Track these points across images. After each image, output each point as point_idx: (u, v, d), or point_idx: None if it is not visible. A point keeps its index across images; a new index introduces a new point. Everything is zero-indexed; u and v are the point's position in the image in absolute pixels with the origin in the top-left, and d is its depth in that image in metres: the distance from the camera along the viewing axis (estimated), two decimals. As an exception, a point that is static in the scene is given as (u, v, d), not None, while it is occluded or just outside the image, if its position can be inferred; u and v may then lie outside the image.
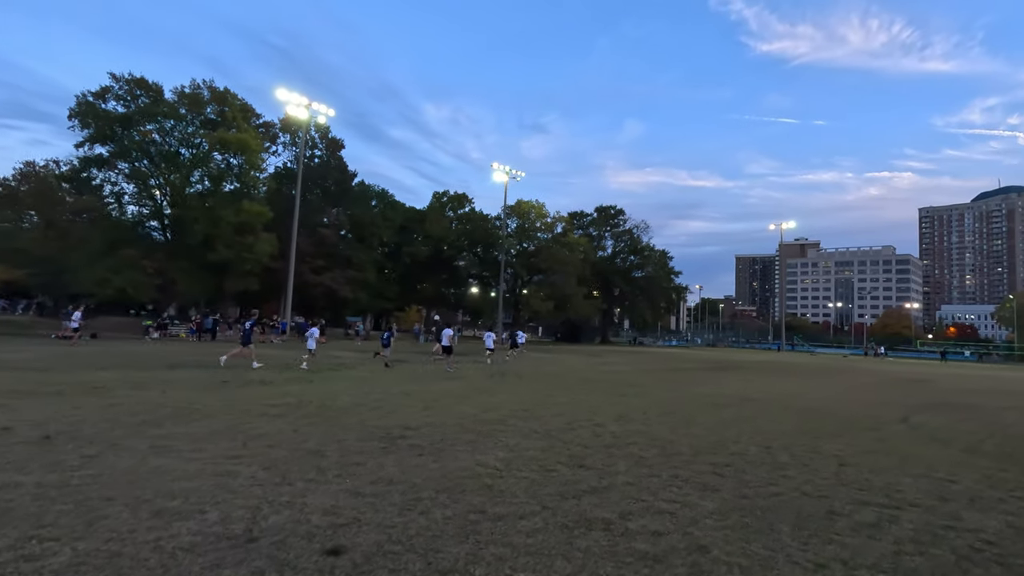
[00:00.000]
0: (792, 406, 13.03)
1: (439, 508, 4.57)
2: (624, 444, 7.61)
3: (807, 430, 9.57)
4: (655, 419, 10.04)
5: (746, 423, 10.04)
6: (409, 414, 9.28)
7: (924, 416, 12.29)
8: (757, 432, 9.10)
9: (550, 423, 9.07)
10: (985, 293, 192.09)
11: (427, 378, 15.89)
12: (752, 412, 11.60)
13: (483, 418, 9.25)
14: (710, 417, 10.60)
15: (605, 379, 18.39)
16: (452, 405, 10.58)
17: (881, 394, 17.32)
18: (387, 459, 6.15)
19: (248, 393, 10.94)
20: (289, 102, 42.08)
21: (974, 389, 21.13)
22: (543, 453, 6.82)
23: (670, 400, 13.14)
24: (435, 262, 66.00)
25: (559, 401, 12.00)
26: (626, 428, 8.93)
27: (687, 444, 7.83)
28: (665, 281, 78.19)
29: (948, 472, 6.77)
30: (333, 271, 49.74)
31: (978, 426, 11.06)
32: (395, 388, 12.93)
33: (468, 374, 17.87)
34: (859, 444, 8.44)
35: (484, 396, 12.29)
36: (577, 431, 8.46)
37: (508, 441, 7.45)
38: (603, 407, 11.33)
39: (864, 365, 39.78)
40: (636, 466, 6.38)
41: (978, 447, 8.72)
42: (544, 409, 10.64)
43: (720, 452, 7.39)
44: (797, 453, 7.53)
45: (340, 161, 56.03)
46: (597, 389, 14.93)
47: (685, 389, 16.06)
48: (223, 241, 36.87)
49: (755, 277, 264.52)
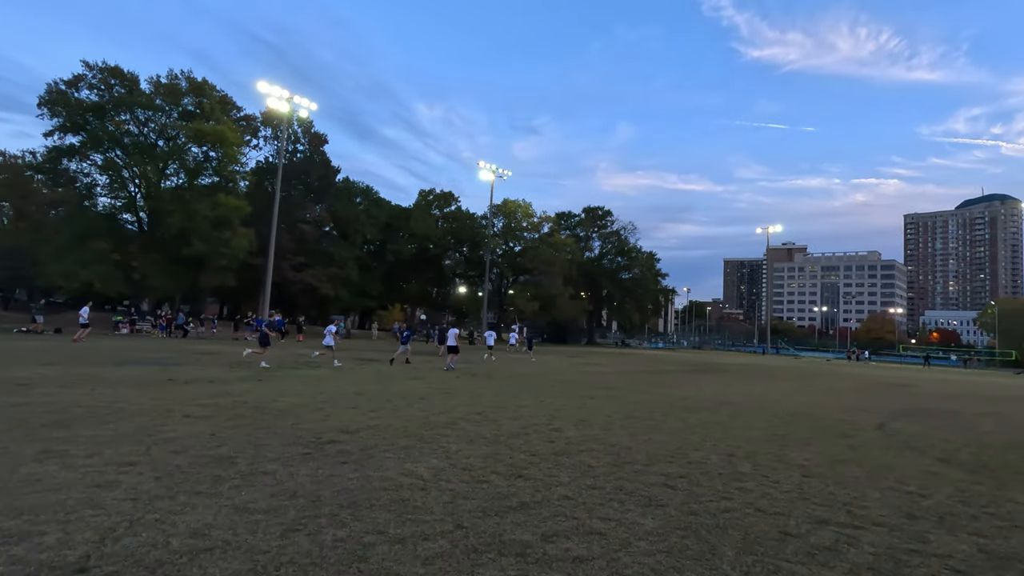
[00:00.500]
0: (766, 410, 12.56)
1: (334, 528, 3.96)
2: (576, 452, 7.04)
3: (777, 436, 9.07)
4: (618, 424, 9.48)
5: (714, 428, 9.53)
6: (353, 416, 8.65)
7: (901, 422, 11.86)
8: (724, 438, 8.58)
9: (503, 427, 8.48)
10: (968, 299, 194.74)
11: (392, 378, 15.24)
12: (723, 417, 11.10)
13: (433, 421, 8.64)
14: (677, 422, 10.07)
15: (579, 380, 17.84)
16: (404, 407, 9.96)
17: (860, 399, 16.95)
18: (303, 468, 5.52)
19: (187, 392, 10.24)
20: (270, 95, 41.15)
21: (954, 394, 20.87)
22: (482, 461, 6.23)
23: (640, 403, 12.61)
24: (420, 261, 65.26)
25: (522, 403, 11.42)
26: (584, 433, 8.36)
27: (644, 452, 7.28)
28: (652, 283, 77.99)
29: (919, 485, 6.28)
30: (314, 268, 48.82)
31: (955, 434, 10.64)
32: (352, 388, 12.28)
33: (438, 374, 17.24)
34: (829, 452, 7.94)
35: (444, 398, 11.67)
36: (529, 436, 7.88)
37: (449, 447, 6.85)
38: (567, 410, 10.77)
39: (846, 369, 39.65)
40: (581, 477, 5.81)
41: (953, 456, 8.27)
42: (502, 412, 10.05)
43: (678, 461, 6.84)
44: (761, 462, 7.01)
45: (323, 156, 55.09)
46: (567, 391, 14.37)
47: (659, 392, 15.56)
48: (198, 235, 35.89)
49: (743, 281, 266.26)
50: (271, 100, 41.20)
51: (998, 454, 8.69)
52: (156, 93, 40.70)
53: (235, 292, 55.00)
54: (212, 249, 36.55)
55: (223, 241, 37.12)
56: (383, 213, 63.38)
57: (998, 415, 14.36)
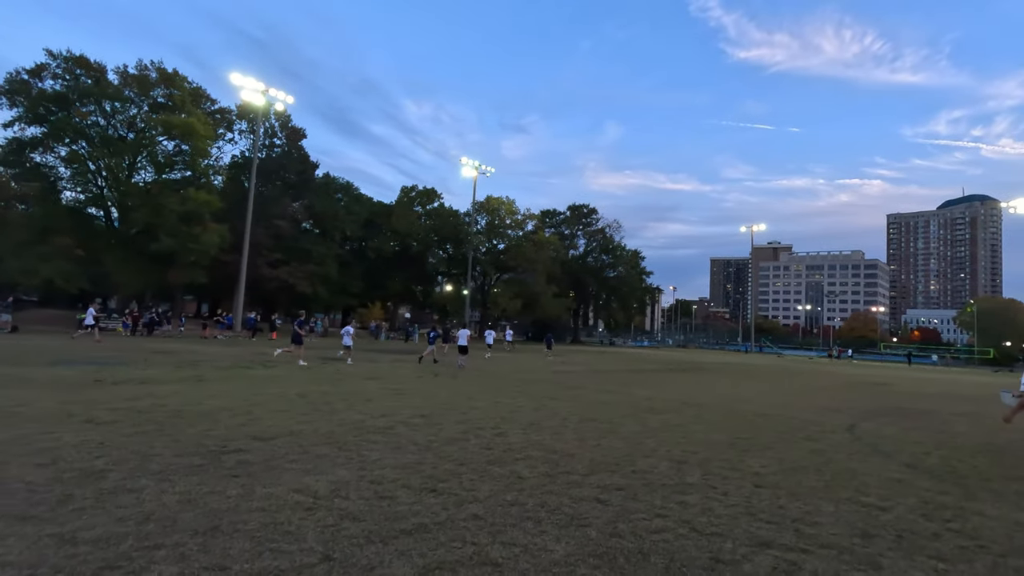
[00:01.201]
0: (735, 411, 12.03)
1: (167, 564, 3.27)
2: (511, 460, 6.40)
3: (740, 440, 8.51)
4: (572, 427, 8.87)
5: (674, 432, 8.94)
6: (279, 421, 7.94)
7: (872, 423, 11.40)
8: (681, 443, 8.00)
9: (443, 432, 7.82)
10: (948, 298, 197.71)
11: (349, 378, 14.51)
12: (686, 419, 10.54)
13: (367, 425, 7.95)
14: (636, 425, 9.48)
15: (548, 380, 17.23)
16: (344, 409, 9.25)
17: (835, 398, 16.53)
18: (181, 484, 4.81)
19: (106, 394, 9.44)
20: (244, 87, 40.06)
21: (930, 393, 20.60)
22: (399, 473, 5.56)
23: (604, 404, 12.01)
24: (402, 258, 64.28)
25: (475, 405, 10.77)
26: (529, 439, 7.72)
27: (589, 459, 6.66)
28: (636, 281, 77.74)
29: (881, 495, 5.72)
30: (290, 265, 47.73)
31: (926, 435, 10.18)
32: (297, 389, 11.53)
33: (401, 373, 16.53)
34: (790, 458, 7.39)
35: (394, 399, 10.98)
36: (468, 442, 7.22)
37: (369, 456, 6.18)
38: (521, 412, 10.14)
39: (827, 368, 39.56)
40: (504, 490, 5.16)
41: (922, 461, 7.76)
42: (449, 414, 9.39)
43: (622, 470, 6.23)
44: (713, 470, 6.42)
45: (301, 151, 53.89)
46: (530, 391, 13.74)
47: (628, 392, 14.99)
48: (166, 230, 34.75)
49: (729, 280, 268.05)
50: (245, 92, 40.13)
51: (968, 458, 8.20)
52: (125, 84, 39.44)
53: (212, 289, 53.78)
54: (181, 245, 35.44)
55: (192, 237, 36.01)
56: (364, 209, 62.34)
57: (972, 415, 13.99)
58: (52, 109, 36.08)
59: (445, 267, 68.70)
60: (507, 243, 64.50)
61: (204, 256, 37.71)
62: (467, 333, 21.94)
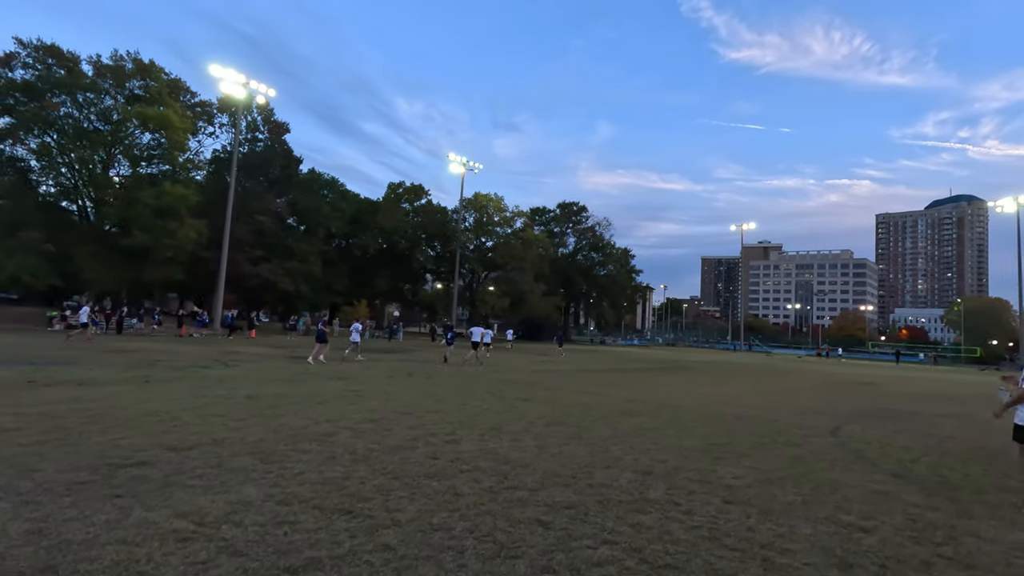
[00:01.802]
0: (714, 414, 11.43)
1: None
2: (455, 472, 5.71)
3: (715, 446, 7.88)
4: (535, 432, 8.20)
5: (645, 438, 8.30)
6: (209, 427, 7.20)
7: (857, 426, 10.83)
8: (650, 450, 7.36)
9: (390, 439, 7.12)
10: (936, 297, 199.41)
11: (314, 379, 13.76)
12: (662, 422, 9.91)
13: (307, 432, 7.24)
14: (606, 429, 8.83)
15: (526, 380, 16.56)
16: (288, 413, 8.52)
17: (820, 399, 16.00)
18: (48, 507, 4.08)
19: (28, 397, 8.66)
20: (224, 79, 39.09)
21: (917, 393, 20.17)
22: (317, 490, 4.85)
23: (577, 406, 11.36)
24: (389, 256, 63.31)
25: (439, 407, 10.07)
26: (484, 446, 7.04)
27: (544, 470, 5.99)
28: (626, 280, 77.31)
29: (864, 512, 5.10)
30: (272, 262, 46.71)
31: (914, 439, 9.61)
32: (248, 391, 10.78)
33: (371, 373, 15.79)
34: (767, 467, 6.76)
35: (351, 401, 10.26)
36: (413, 451, 6.53)
37: (292, 469, 5.46)
38: (485, 416, 9.46)
39: (815, 366, 39.24)
40: (433, 511, 4.48)
41: (909, 469, 7.16)
42: (405, 419, 8.69)
43: (577, 483, 5.56)
44: (679, 483, 5.77)
45: (284, 146, 52.87)
46: (503, 392, 13.07)
47: (606, 393, 14.36)
48: (140, 225, 33.69)
49: (720, 278, 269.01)
50: (225, 84, 39.17)
51: (959, 464, 7.62)
52: (99, 75, 38.31)
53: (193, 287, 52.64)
54: (155, 240, 34.38)
55: (168, 232, 34.98)
56: (350, 206, 61.34)
57: (960, 416, 13.49)
58: (22, 99, 34.91)
59: (433, 265, 67.81)
60: (495, 240, 63.78)
61: (181, 252, 36.67)
62: (480, 331, 23.49)
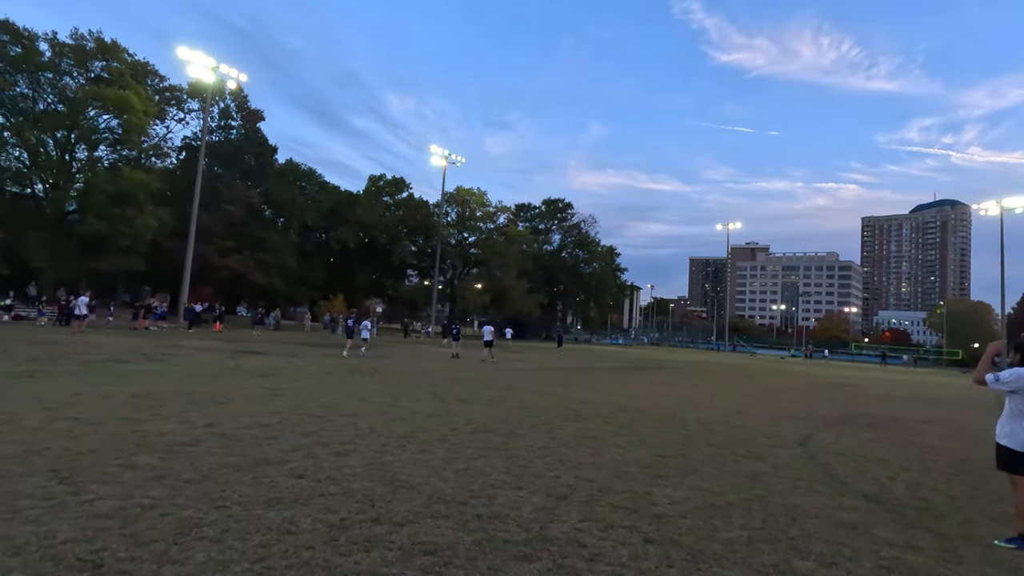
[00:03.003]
0: (676, 419, 10.30)
1: None
2: (312, 498, 4.47)
3: (661, 460, 6.73)
4: (453, 442, 6.98)
5: (581, 448, 7.12)
6: (44, 432, 5.89)
7: (831, 434, 9.75)
8: (580, 465, 6.18)
9: (263, 450, 5.86)
10: (919, 300, 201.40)
11: (238, 376, 12.44)
12: (611, 429, 8.74)
13: (161, 441, 5.95)
14: (540, 438, 7.64)
15: (480, 380, 15.35)
16: (159, 417, 7.22)
17: (796, 402, 14.97)
18: None
19: None
20: (191, 62, 37.36)
21: (899, 397, 19.26)
22: (86, 528, 3.59)
23: (523, 409, 10.17)
24: (369, 250, 61.71)
25: (356, 410, 8.82)
26: (376, 461, 5.81)
27: (431, 493, 4.77)
28: (611, 278, 76.37)
29: (825, 557, 3.94)
30: (242, 253, 45.01)
31: (892, 450, 8.54)
32: (140, 390, 9.44)
33: (310, 369, 14.49)
34: (716, 487, 5.60)
35: (260, 401, 8.97)
36: (280, 468, 5.28)
37: (88, 494, 4.18)
38: (408, 420, 8.22)
39: (797, 367, 38.48)
40: (231, 561, 3.23)
41: (885, 490, 6.04)
42: (307, 423, 7.43)
43: (466, 512, 4.34)
44: (599, 512, 4.58)
45: (258, 134, 51.07)
46: (447, 392, 11.84)
47: (564, 394, 13.20)
48: (94, 211, 31.95)
49: (708, 279, 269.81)
50: (193, 68, 37.47)
51: (943, 483, 6.53)
52: (59, 54, 36.43)
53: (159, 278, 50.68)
54: (112, 228, 32.63)
55: (126, 219, 33.24)
56: (328, 199, 59.74)
57: (944, 423, 12.50)
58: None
59: (414, 260, 66.30)
60: (478, 236, 62.47)
61: (140, 241, 34.94)
62: (491, 329, 24.39)
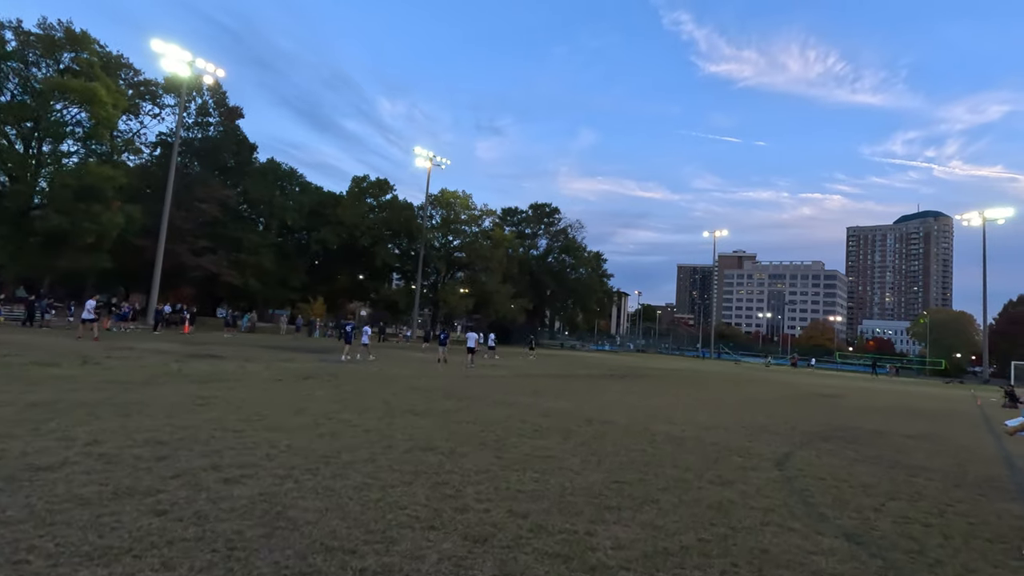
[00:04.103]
0: (645, 433, 9.45)
1: None
2: (163, 544, 3.53)
3: (619, 485, 5.87)
4: (380, 464, 6.07)
5: (528, 470, 6.24)
6: None
7: (812, 451, 8.97)
8: (521, 493, 5.29)
9: (146, 475, 4.90)
10: (903, 310, 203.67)
11: (171, 382, 11.40)
12: (569, 446, 7.87)
13: (11, 466, 4.98)
14: (486, 457, 6.74)
15: (442, 388, 14.41)
16: (45, 433, 6.22)
17: (776, 414, 14.21)
18: None
19: None
20: (165, 55, 36.23)
21: (883, 408, 18.64)
22: None
23: (478, 423, 9.27)
24: (351, 252, 60.46)
25: (286, 424, 7.86)
26: (276, 488, 4.88)
27: (313, 539, 3.85)
28: (596, 283, 75.76)
29: (794, 627, 3.08)
30: (217, 253, 43.67)
31: (878, 472, 7.75)
32: (47, 397, 8.40)
33: (263, 376, 13.46)
34: (672, 525, 4.74)
35: (168, 413, 7.98)
36: (149, 498, 4.33)
37: None
38: (335, 436, 7.28)
39: (781, 376, 37.95)
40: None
41: (869, 526, 5.22)
42: (215, 440, 6.45)
43: (344, 568, 3.43)
44: (522, 561, 3.70)
45: (236, 131, 49.79)
46: (396, 402, 10.91)
47: (532, 403, 12.32)
48: (56, 207, 30.56)
49: (695, 286, 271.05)
50: (168, 61, 36.34)
51: (935, 515, 5.74)
52: (24, 44, 35.05)
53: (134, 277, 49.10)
54: (75, 224, 31.25)
55: (91, 215, 31.86)
56: (309, 199, 58.48)
57: (930, 438, 11.80)
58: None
59: (397, 263, 65.14)
60: (462, 239, 61.51)
61: (107, 239, 33.56)
62: (474, 336, 24.73)
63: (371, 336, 22.75)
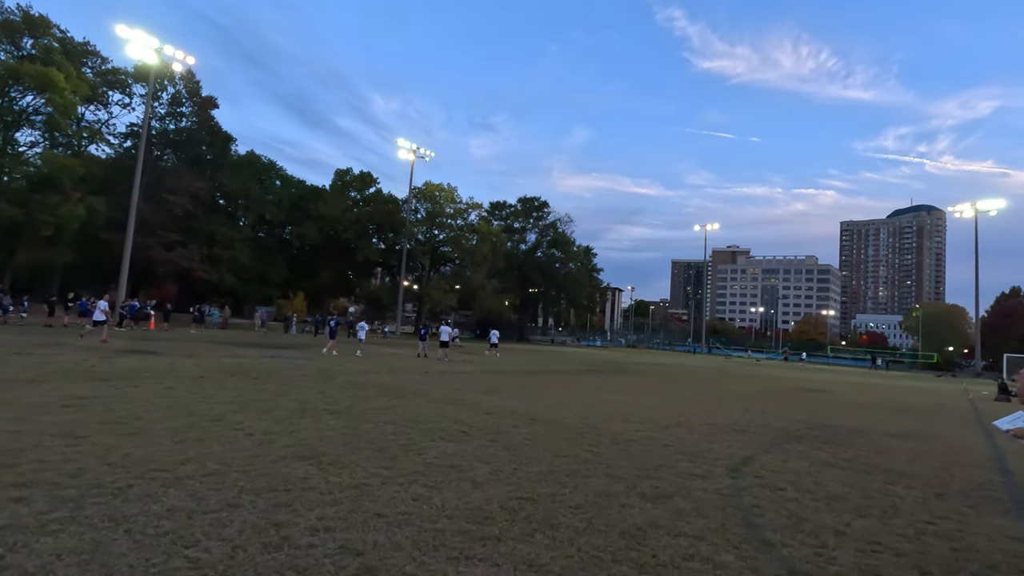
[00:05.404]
0: (592, 434, 8.29)
1: None
2: None
3: (524, 502, 4.70)
4: (230, 474, 4.87)
5: (418, 484, 5.06)
6: None
7: (779, 454, 7.84)
8: (383, 519, 4.12)
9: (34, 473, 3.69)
10: (896, 304, 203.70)
11: (69, 379, 10.17)
12: (492, 451, 6.69)
13: None
14: (372, 468, 5.55)
15: (386, 384, 13.22)
16: None
17: (751, 410, 13.09)
18: None
19: None
20: (131, 40, 34.69)
21: (867, 403, 17.57)
22: None
23: (395, 423, 8.09)
24: (333, 247, 59.04)
25: (154, 427, 6.65)
26: (40, 519, 3.68)
27: None
28: (586, 279, 74.59)
29: None
30: (188, 247, 42.25)
31: (849, 481, 6.61)
32: None
33: (194, 371, 12.23)
34: (566, 559, 3.57)
35: (20, 417, 6.76)
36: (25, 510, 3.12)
37: None
38: (200, 442, 6.08)
39: (768, 371, 36.95)
40: None
41: (826, 560, 4.06)
42: (40, 450, 5.25)
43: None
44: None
45: (211, 122, 48.28)
46: (322, 399, 9.72)
47: (476, 402, 11.15)
48: (8, 197, 29.11)
49: (689, 282, 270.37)
50: (133, 48, 34.80)
51: (910, 541, 4.59)
52: (-20, 28, 33.51)
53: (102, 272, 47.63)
54: (30, 216, 29.82)
55: (47, 207, 30.43)
56: (290, 193, 57.08)
57: (915, 437, 10.70)
58: None
59: (381, 258, 63.79)
60: (447, 233, 60.19)
61: (66, 231, 32.13)
62: (448, 331, 24.59)
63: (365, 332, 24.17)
